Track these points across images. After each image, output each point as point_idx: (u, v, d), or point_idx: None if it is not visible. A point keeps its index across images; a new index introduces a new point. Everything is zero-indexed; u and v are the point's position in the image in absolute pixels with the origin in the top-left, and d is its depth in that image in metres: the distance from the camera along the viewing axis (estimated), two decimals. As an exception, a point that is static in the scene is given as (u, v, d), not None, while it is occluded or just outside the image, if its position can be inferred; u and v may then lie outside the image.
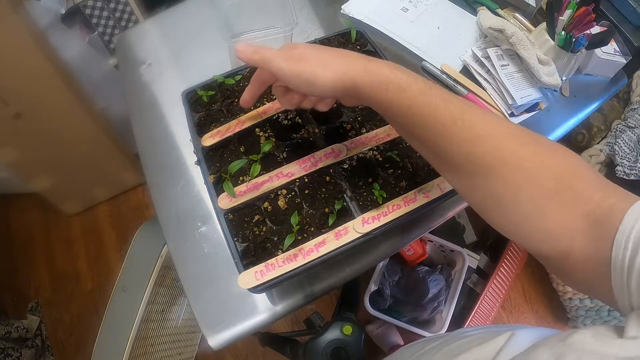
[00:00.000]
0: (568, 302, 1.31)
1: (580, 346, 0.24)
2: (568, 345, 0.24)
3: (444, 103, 0.35)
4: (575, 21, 0.64)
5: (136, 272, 0.86)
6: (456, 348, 0.35)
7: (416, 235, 0.60)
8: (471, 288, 1.36)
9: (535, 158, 0.33)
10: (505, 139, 0.34)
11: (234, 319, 0.55)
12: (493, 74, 0.68)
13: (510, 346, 0.30)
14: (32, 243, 1.56)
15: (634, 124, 1.03)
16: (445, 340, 0.39)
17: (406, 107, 0.36)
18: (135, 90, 0.74)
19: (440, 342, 0.39)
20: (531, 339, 0.31)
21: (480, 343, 0.33)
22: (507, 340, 0.31)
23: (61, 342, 1.41)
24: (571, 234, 0.31)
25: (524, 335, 0.31)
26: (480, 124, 0.35)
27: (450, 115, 0.35)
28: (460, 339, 0.37)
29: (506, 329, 0.33)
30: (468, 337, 0.37)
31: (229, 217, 0.50)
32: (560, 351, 0.24)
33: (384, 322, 1.24)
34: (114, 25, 1.25)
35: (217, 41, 0.73)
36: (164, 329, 0.97)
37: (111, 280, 0.88)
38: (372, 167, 0.53)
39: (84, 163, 1.36)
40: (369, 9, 0.77)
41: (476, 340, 0.34)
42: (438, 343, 0.39)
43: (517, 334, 0.31)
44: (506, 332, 0.32)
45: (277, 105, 0.57)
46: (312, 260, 0.46)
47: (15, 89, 1.07)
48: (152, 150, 0.67)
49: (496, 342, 0.31)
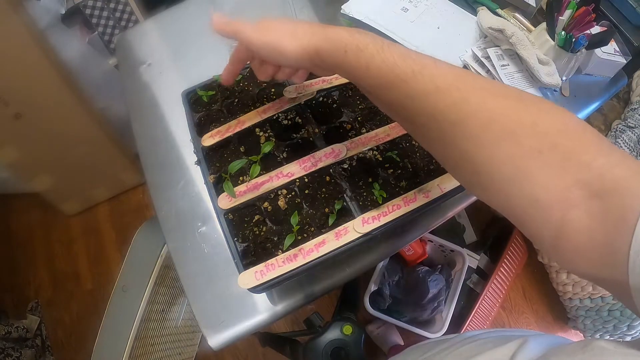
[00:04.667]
0: (568, 302, 1.31)
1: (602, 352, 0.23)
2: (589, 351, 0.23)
3: (402, 59, 0.33)
4: (575, 21, 0.64)
5: (136, 272, 0.86)
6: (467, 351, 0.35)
7: (416, 235, 0.60)
8: (471, 288, 1.36)
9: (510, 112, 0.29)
10: (472, 92, 0.31)
11: (234, 319, 0.55)
12: (493, 74, 0.68)
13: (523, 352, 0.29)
14: (32, 243, 1.56)
15: (634, 124, 1.03)
16: (455, 343, 0.38)
17: (365, 67, 0.35)
18: (135, 90, 0.74)
19: (450, 344, 0.39)
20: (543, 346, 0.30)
21: (491, 347, 0.32)
22: (520, 346, 0.30)
23: (61, 342, 1.41)
24: (564, 204, 0.26)
25: (536, 343, 0.30)
26: (443, 76, 0.32)
27: (411, 70, 0.32)
28: (470, 342, 0.36)
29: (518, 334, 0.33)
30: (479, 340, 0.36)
31: (229, 217, 0.50)
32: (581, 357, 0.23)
33: (384, 322, 1.24)
34: (114, 25, 1.25)
35: (217, 41, 0.73)
36: (164, 329, 0.97)
37: (111, 280, 0.87)
38: (372, 167, 0.53)
39: (84, 163, 1.36)
40: (369, 9, 0.77)
41: (487, 344, 0.34)
42: (448, 345, 0.39)
43: (529, 341, 0.31)
44: (518, 339, 0.31)
45: (277, 105, 0.57)
46: (312, 260, 0.46)
47: (15, 89, 1.07)
48: (152, 150, 0.67)
49: (508, 348, 0.31)
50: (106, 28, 1.25)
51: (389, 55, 0.34)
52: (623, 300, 0.25)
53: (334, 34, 0.36)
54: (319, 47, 0.37)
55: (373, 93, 0.37)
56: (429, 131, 0.34)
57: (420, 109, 0.33)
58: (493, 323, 1.36)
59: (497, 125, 0.29)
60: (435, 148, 0.36)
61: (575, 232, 0.26)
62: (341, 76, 0.40)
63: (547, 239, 0.29)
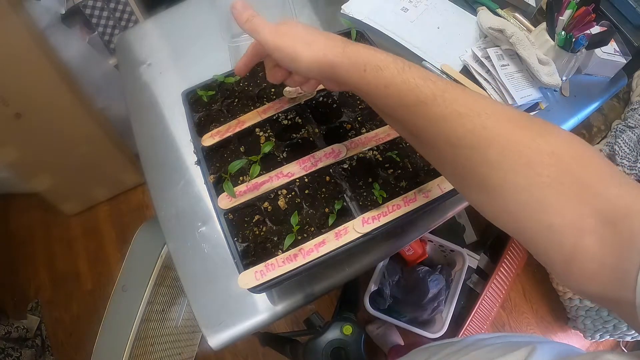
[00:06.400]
0: (568, 302, 1.31)
1: None
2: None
3: (424, 81, 0.33)
4: (575, 21, 0.64)
5: (136, 272, 0.86)
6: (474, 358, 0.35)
7: (416, 235, 0.60)
8: (471, 288, 1.36)
9: (529, 140, 0.29)
10: (491, 118, 0.31)
11: (234, 319, 0.55)
12: (493, 74, 0.68)
13: None
14: (32, 243, 1.56)
15: (634, 124, 1.03)
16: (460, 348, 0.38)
17: (384, 86, 0.34)
18: (135, 90, 0.74)
19: (455, 349, 0.38)
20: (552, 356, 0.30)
21: (500, 355, 0.32)
22: (529, 354, 0.30)
23: (61, 342, 1.41)
24: (578, 231, 0.27)
25: (545, 351, 0.30)
26: (463, 102, 0.32)
27: (431, 93, 0.32)
28: (478, 347, 0.36)
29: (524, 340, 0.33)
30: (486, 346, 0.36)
31: (229, 217, 0.50)
32: None
33: (384, 322, 1.24)
34: (114, 25, 1.25)
35: (217, 41, 0.73)
36: (164, 329, 0.97)
37: (111, 280, 0.87)
38: (372, 167, 0.53)
39: (84, 163, 1.36)
40: (369, 9, 0.77)
41: (496, 350, 0.34)
42: (453, 350, 0.39)
43: (538, 349, 0.30)
44: (525, 345, 0.31)
45: (277, 105, 0.57)
46: (312, 260, 0.46)
47: (15, 89, 1.07)
48: (152, 150, 0.67)
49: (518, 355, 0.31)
50: (106, 28, 1.25)
51: (410, 77, 0.34)
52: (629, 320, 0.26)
53: (353, 51, 0.36)
54: (335, 63, 0.36)
55: (388, 113, 0.36)
56: (443, 153, 0.34)
57: (437, 132, 0.33)
58: (493, 323, 1.36)
59: (516, 153, 0.29)
60: (448, 169, 0.36)
61: (587, 258, 0.27)
62: (354, 93, 0.39)
63: (558, 263, 0.29)
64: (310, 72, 0.38)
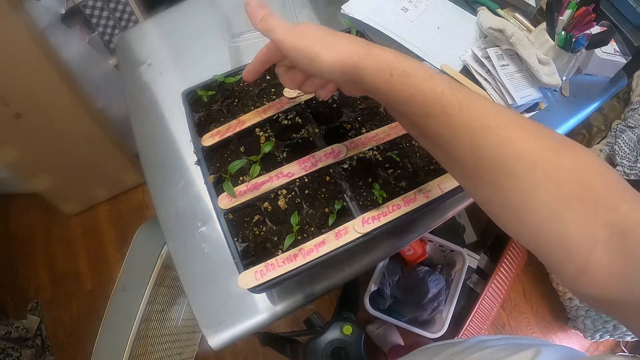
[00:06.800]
0: (568, 302, 1.31)
1: None
2: None
3: (451, 91, 0.33)
4: (575, 21, 0.64)
5: (136, 272, 0.86)
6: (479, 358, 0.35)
7: (416, 235, 0.60)
8: (471, 288, 1.36)
9: (552, 156, 0.30)
10: (517, 132, 0.31)
11: (234, 319, 0.55)
12: (493, 74, 0.68)
13: None
14: (32, 243, 1.57)
15: (634, 124, 1.03)
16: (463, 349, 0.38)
17: (410, 94, 0.33)
18: (135, 90, 0.74)
19: (458, 350, 0.38)
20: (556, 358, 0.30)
21: (505, 356, 0.32)
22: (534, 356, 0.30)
23: (61, 342, 1.41)
24: (591, 244, 0.28)
25: (549, 354, 0.30)
26: (490, 114, 0.32)
27: (458, 104, 0.32)
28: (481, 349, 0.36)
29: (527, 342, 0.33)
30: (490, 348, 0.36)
31: (229, 217, 0.50)
32: None
33: (384, 322, 1.24)
34: (114, 25, 1.25)
35: (217, 41, 0.73)
36: (164, 329, 0.97)
37: (111, 280, 0.87)
38: (372, 167, 0.53)
39: (84, 163, 1.37)
40: (369, 9, 0.77)
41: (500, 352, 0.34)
42: (455, 351, 0.38)
43: (542, 352, 0.30)
44: (529, 348, 0.31)
45: (277, 105, 0.57)
46: (312, 260, 0.46)
47: (15, 89, 1.07)
48: (152, 150, 0.67)
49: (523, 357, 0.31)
50: (106, 28, 1.25)
51: (437, 85, 0.33)
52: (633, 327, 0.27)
53: (379, 54, 0.34)
54: (360, 65, 0.34)
55: (411, 119, 0.35)
56: (465, 164, 0.34)
57: (461, 142, 0.33)
58: (493, 323, 1.36)
59: (539, 168, 0.30)
60: (467, 180, 0.36)
61: (597, 268, 0.28)
62: (375, 99, 0.38)
63: (570, 272, 0.30)
64: (332, 74, 0.36)
